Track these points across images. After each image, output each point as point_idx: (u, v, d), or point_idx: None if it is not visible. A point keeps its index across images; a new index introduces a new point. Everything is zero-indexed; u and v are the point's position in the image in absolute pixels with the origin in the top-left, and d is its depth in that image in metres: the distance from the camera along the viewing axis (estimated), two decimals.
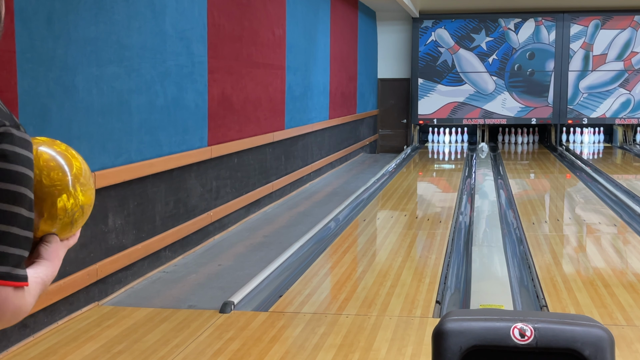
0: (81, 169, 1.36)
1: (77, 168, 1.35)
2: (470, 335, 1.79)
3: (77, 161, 1.36)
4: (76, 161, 1.36)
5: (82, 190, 1.35)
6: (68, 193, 1.32)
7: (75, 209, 1.34)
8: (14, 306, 1.21)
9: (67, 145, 1.38)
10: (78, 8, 4.37)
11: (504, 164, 12.55)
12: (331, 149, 11.52)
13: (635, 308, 4.53)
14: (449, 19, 15.37)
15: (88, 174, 1.39)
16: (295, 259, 5.86)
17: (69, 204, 1.32)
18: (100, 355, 3.81)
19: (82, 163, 1.38)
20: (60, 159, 1.33)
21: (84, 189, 1.36)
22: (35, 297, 1.26)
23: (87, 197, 1.38)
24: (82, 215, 1.37)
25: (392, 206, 8.46)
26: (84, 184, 1.36)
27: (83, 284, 4.49)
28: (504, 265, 5.54)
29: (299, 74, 9.43)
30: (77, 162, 1.36)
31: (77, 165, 1.36)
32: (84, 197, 1.36)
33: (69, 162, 1.34)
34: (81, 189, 1.35)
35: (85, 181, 1.37)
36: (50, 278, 1.32)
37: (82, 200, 1.36)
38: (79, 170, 1.36)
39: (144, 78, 5.18)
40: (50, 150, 1.33)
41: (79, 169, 1.36)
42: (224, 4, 6.66)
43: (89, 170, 1.40)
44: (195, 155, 6.07)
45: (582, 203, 8.67)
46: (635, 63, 15.13)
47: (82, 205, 1.36)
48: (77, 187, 1.34)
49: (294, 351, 3.87)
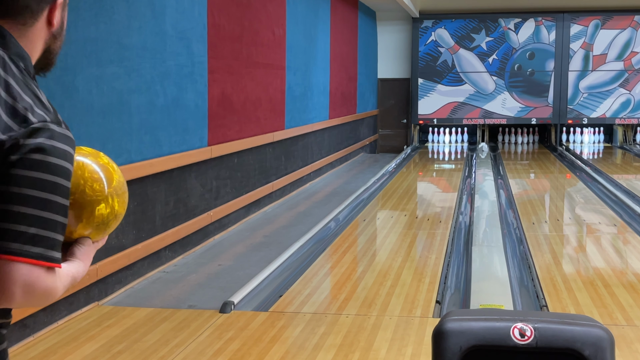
0: (120, 182, 1.51)
1: (117, 181, 1.50)
2: (470, 335, 1.79)
3: (116, 174, 1.51)
4: (116, 174, 1.50)
5: (119, 201, 1.51)
6: (106, 203, 1.47)
7: (110, 217, 1.49)
8: (44, 286, 1.29)
9: (109, 159, 1.52)
10: (78, 8, 4.36)
11: (504, 164, 12.55)
12: (331, 149, 11.52)
13: (635, 308, 4.53)
14: (449, 19, 15.37)
15: (124, 186, 1.54)
16: (295, 259, 5.86)
17: (105, 213, 1.47)
18: (100, 355, 3.81)
19: (120, 176, 1.52)
20: (103, 172, 1.48)
21: (120, 200, 1.51)
22: (64, 286, 1.35)
23: (122, 207, 1.53)
24: (115, 222, 1.52)
25: (392, 206, 8.46)
26: (120, 195, 1.51)
27: (83, 284, 4.49)
28: (504, 265, 5.54)
29: (299, 74, 9.42)
30: (117, 176, 1.51)
31: (116, 179, 1.50)
32: (119, 207, 1.51)
33: (110, 176, 1.49)
34: (117, 200, 1.50)
35: (122, 193, 1.52)
36: (81, 275, 1.43)
37: (117, 210, 1.51)
38: (118, 183, 1.50)
39: (144, 78, 5.18)
40: (94, 163, 1.47)
41: (118, 182, 1.50)
42: (224, 4, 6.66)
43: (124, 182, 1.55)
44: (195, 155, 6.07)
45: (582, 203, 8.67)
46: (635, 63, 15.13)
47: (117, 214, 1.51)
48: (115, 198, 1.49)
49: (294, 351, 3.87)
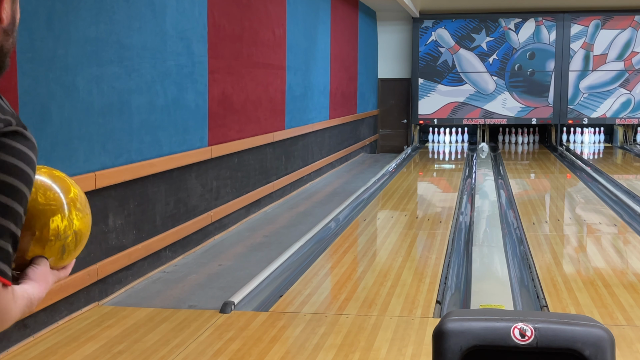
0: (78, 195, 1.34)
1: (75, 193, 1.33)
2: (471, 335, 1.79)
3: (74, 188, 1.34)
4: (74, 187, 1.34)
5: (78, 215, 1.32)
6: (62, 214, 1.29)
7: (68, 232, 1.30)
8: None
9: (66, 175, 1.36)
10: (78, 8, 4.37)
11: (505, 164, 12.54)
12: (331, 149, 11.52)
13: (635, 308, 4.53)
14: (449, 19, 15.37)
15: (85, 202, 1.37)
16: (295, 259, 5.86)
17: (62, 225, 1.28)
18: (100, 355, 3.80)
19: (79, 190, 1.35)
20: (59, 182, 1.31)
21: (80, 215, 1.33)
22: (20, 309, 1.19)
23: (83, 224, 1.34)
24: (74, 242, 1.33)
25: (393, 206, 8.46)
26: (80, 209, 1.33)
27: (83, 284, 4.49)
28: (504, 265, 5.54)
29: (299, 74, 9.42)
30: (75, 189, 1.34)
31: (74, 191, 1.33)
32: (79, 223, 1.32)
33: (66, 186, 1.32)
34: (77, 214, 1.32)
35: (82, 207, 1.34)
36: (37, 299, 1.25)
37: (76, 225, 1.32)
38: (75, 195, 1.33)
39: (144, 78, 5.18)
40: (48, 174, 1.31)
41: (75, 194, 1.33)
42: (224, 4, 6.66)
43: (86, 199, 1.38)
44: (196, 155, 6.07)
45: (583, 203, 8.67)
46: (635, 63, 15.13)
47: (76, 230, 1.32)
48: (73, 210, 1.31)
49: (294, 351, 3.87)
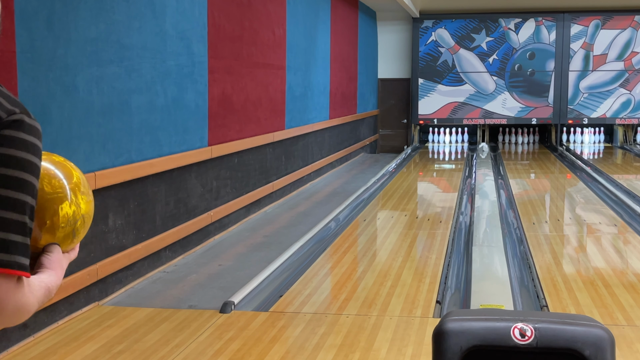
0: (80, 179, 1.36)
1: (77, 177, 1.35)
2: (471, 335, 1.79)
3: (76, 171, 1.36)
4: (75, 171, 1.35)
5: (83, 199, 1.34)
6: (69, 200, 1.31)
7: (77, 217, 1.32)
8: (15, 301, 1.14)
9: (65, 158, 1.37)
10: (78, 8, 4.37)
11: (505, 164, 12.54)
12: (331, 149, 11.52)
13: (635, 308, 4.53)
14: (449, 19, 15.37)
15: (87, 184, 1.39)
16: (295, 259, 5.86)
17: (70, 212, 1.30)
18: (100, 355, 3.80)
19: (80, 174, 1.37)
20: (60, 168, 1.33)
21: (85, 198, 1.35)
22: (38, 300, 1.20)
23: (88, 207, 1.37)
24: (83, 225, 1.35)
25: (393, 206, 8.46)
26: (84, 192, 1.35)
27: (83, 284, 4.49)
28: (504, 265, 5.54)
29: (299, 74, 9.42)
30: (76, 172, 1.36)
31: (76, 175, 1.35)
32: (85, 206, 1.35)
33: (69, 172, 1.34)
34: (82, 198, 1.34)
35: (86, 190, 1.36)
36: (55, 287, 1.26)
37: (83, 209, 1.34)
38: (78, 179, 1.35)
39: (144, 78, 5.18)
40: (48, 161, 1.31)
41: (78, 178, 1.35)
42: (224, 4, 6.66)
43: (87, 181, 1.40)
44: (196, 155, 6.07)
45: (583, 203, 8.67)
46: (635, 63, 15.13)
47: (84, 214, 1.35)
48: (78, 195, 1.33)
49: (294, 351, 3.87)
